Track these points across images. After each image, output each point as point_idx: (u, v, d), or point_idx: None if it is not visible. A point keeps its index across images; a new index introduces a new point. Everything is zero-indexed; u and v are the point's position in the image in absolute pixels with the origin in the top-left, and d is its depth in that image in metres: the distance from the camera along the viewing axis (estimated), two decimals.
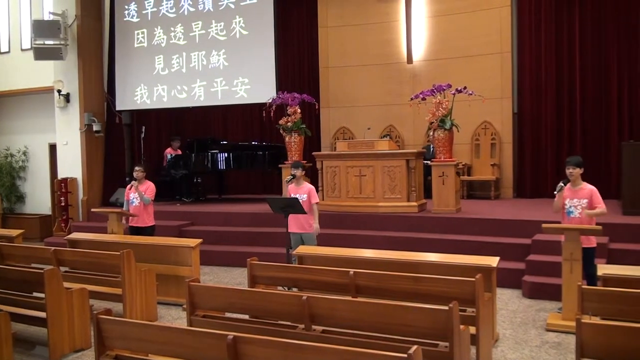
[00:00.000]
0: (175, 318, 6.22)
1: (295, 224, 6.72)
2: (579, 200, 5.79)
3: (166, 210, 10.33)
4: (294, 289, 5.10)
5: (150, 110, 12.40)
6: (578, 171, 5.81)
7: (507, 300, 6.53)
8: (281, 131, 9.81)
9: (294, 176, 6.86)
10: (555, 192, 5.93)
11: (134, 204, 7.62)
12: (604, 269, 4.62)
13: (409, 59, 11.24)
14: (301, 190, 6.78)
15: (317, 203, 6.84)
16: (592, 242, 5.70)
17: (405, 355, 2.59)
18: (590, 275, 5.53)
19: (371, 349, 2.80)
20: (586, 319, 3.60)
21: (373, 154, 8.78)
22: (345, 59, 11.82)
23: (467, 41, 10.76)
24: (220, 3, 11.38)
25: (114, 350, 3.52)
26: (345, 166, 8.91)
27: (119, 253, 5.70)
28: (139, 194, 7.55)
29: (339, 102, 11.90)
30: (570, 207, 5.83)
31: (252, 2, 11.10)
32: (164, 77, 11.86)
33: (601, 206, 5.73)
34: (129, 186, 7.76)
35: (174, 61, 11.76)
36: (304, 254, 5.74)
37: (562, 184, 5.88)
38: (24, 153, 13.09)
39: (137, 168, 7.77)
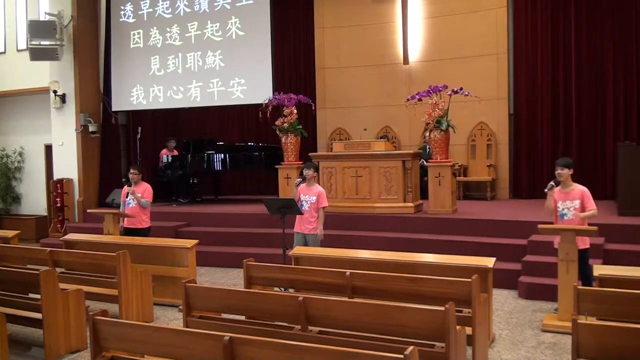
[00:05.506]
0: (171, 319, 6.20)
1: (300, 224, 6.71)
2: (571, 202, 5.80)
3: (162, 211, 10.32)
4: (290, 290, 5.10)
5: (147, 111, 12.38)
6: (567, 172, 5.81)
7: (503, 301, 6.55)
8: (277, 132, 9.80)
9: (304, 178, 6.81)
10: (545, 190, 5.94)
11: (130, 205, 7.57)
12: (599, 269, 4.63)
13: (405, 60, 11.26)
14: (311, 192, 6.73)
15: (324, 207, 6.75)
16: (585, 243, 5.72)
17: (402, 356, 2.59)
18: (586, 276, 5.54)
19: (367, 350, 2.80)
20: (582, 320, 3.61)
21: (369, 155, 8.79)
22: (342, 59, 11.83)
23: (463, 42, 10.78)
24: (215, 4, 11.38)
25: (109, 352, 3.51)
26: (341, 167, 8.91)
27: (115, 254, 5.69)
28: (136, 198, 7.48)
29: (336, 103, 11.91)
30: (563, 209, 5.84)
31: (248, 3, 11.10)
32: (160, 78, 11.85)
33: (592, 208, 5.75)
34: (125, 188, 7.71)
35: (170, 62, 11.75)
36: (300, 254, 5.74)
37: (553, 183, 5.89)
38: (20, 154, 13.05)
39: (132, 170, 7.67)
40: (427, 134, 9.01)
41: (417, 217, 8.56)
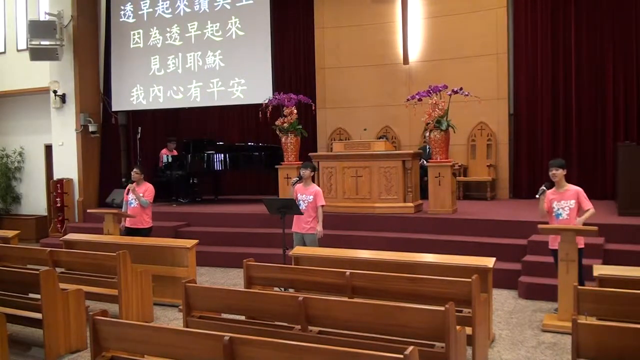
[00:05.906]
0: (171, 319, 6.20)
1: (298, 224, 6.72)
2: (567, 202, 5.83)
3: (162, 211, 10.31)
4: (290, 290, 5.10)
5: (147, 111, 12.39)
6: (561, 172, 5.86)
7: (503, 301, 6.55)
8: (277, 132, 9.80)
9: (300, 177, 6.82)
10: (537, 196, 5.97)
11: (132, 205, 7.61)
12: (599, 269, 4.63)
13: (405, 60, 11.25)
14: (307, 191, 6.75)
15: (323, 206, 6.77)
16: (581, 243, 5.72)
17: (402, 356, 2.59)
18: (579, 275, 5.53)
19: (367, 350, 2.80)
20: (582, 320, 3.61)
21: (369, 155, 8.79)
22: (342, 59, 11.83)
23: (463, 42, 10.78)
24: (215, 4, 11.38)
25: (109, 352, 3.51)
26: (341, 167, 8.91)
27: (115, 254, 5.70)
28: (136, 197, 7.53)
29: (336, 103, 11.90)
30: (558, 209, 5.86)
31: (248, 3, 11.11)
32: (160, 78, 11.85)
33: (590, 207, 5.78)
34: (127, 187, 7.75)
35: (170, 62, 11.76)
36: (300, 254, 5.74)
37: (544, 188, 5.92)
38: (20, 154, 13.05)
39: (134, 170, 7.76)
40: (427, 134, 9.00)
41: (417, 217, 8.56)
